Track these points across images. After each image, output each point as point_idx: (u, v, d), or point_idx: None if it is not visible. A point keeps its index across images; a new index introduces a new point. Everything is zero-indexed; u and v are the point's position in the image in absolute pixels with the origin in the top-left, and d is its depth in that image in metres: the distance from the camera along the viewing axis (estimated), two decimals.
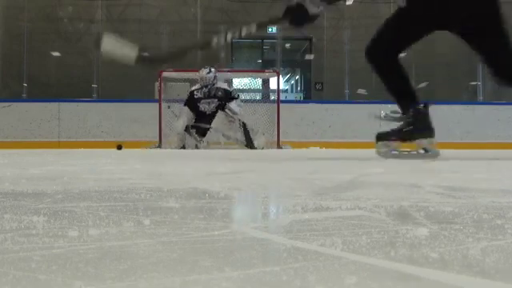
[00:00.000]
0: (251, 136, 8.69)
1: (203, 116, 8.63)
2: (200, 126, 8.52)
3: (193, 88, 8.77)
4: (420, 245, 0.87)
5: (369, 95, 12.89)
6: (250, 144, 8.58)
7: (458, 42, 4.09)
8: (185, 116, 8.65)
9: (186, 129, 8.53)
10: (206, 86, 8.56)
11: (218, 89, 8.58)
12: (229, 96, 8.55)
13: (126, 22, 13.32)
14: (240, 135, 8.65)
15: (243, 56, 15.75)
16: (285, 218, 1.24)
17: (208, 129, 8.60)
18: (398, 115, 4.14)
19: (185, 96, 10.40)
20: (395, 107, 4.38)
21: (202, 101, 8.59)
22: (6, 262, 0.74)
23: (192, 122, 8.63)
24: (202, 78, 8.61)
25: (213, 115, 8.58)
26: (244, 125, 8.71)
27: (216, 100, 8.56)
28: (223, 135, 8.56)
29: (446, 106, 11.35)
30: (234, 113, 8.42)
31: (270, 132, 10.01)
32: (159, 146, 9.04)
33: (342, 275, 0.66)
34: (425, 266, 0.72)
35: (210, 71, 8.68)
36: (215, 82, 8.67)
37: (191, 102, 8.62)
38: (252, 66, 15.22)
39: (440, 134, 11.45)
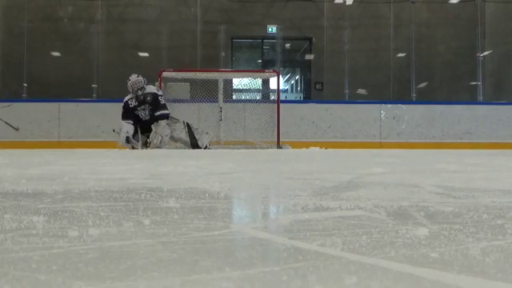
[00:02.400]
0: (196, 136, 8.75)
1: (143, 122, 8.79)
2: (140, 135, 8.69)
3: (126, 98, 8.89)
4: (420, 245, 0.87)
5: (368, 95, 12.89)
6: (194, 143, 8.66)
7: (458, 42, 4.10)
8: (124, 129, 8.72)
9: (128, 140, 8.63)
10: (140, 89, 8.70)
11: (146, 94, 8.77)
12: (157, 99, 8.68)
13: (126, 21, 13.31)
14: (184, 135, 8.72)
15: (243, 56, 15.74)
16: (285, 217, 1.24)
17: (148, 134, 8.72)
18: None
19: (185, 96, 10.39)
20: (395, 107, 4.41)
21: (138, 108, 8.78)
22: (6, 262, 0.74)
23: (133, 132, 8.72)
24: (132, 83, 8.75)
25: (151, 120, 8.72)
26: (188, 125, 8.81)
27: (147, 105, 8.77)
28: (170, 138, 8.61)
29: (445, 105, 11.35)
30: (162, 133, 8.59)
31: (269, 132, 10.02)
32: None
33: (342, 275, 0.66)
34: (425, 265, 0.72)
35: (139, 76, 8.83)
36: (145, 86, 8.79)
37: (128, 113, 8.72)
38: (252, 66, 15.21)
39: (440, 134, 11.41)
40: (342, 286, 0.62)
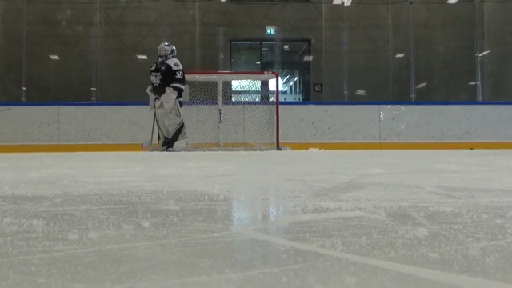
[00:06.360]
0: (179, 137, 8.72)
1: (154, 88, 8.84)
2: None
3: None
4: (420, 245, 0.87)
5: (367, 96, 12.89)
6: (171, 142, 8.66)
7: (457, 42, 4.11)
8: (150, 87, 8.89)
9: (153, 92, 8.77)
10: (161, 57, 8.69)
11: (163, 63, 8.77)
12: (170, 73, 8.66)
13: (125, 24, 13.32)
14: (172, 129, 8.65)
15: (242, 58, 15.74)
16: (284, 219, 1.24)
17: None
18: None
19: (184, 98, 10.42)
20: (394, 108, 4.41)
21: (152, 73, 8.82)
22: (6, 266, 0.73)
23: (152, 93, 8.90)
24: (159, 49, 8.83)
25: (160, 88, 8.71)
26: (182, 125, 8.78)
27: (159, 74, 8.74)
28: (161, 122, 8.59)
29: (445, 106, 11.35)
30: (167, 100, 8.50)
31: (269, 133, 10.02)
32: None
33: (342, 276, 0.66)
34: (425, 266, 0.72)
35: (169, 45, 8.85)
36: (170, 57, 8.79)
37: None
38: (251, 68, 15.22)
39: (439, 134, 11.42)
40: (342, 286, 0.62)
